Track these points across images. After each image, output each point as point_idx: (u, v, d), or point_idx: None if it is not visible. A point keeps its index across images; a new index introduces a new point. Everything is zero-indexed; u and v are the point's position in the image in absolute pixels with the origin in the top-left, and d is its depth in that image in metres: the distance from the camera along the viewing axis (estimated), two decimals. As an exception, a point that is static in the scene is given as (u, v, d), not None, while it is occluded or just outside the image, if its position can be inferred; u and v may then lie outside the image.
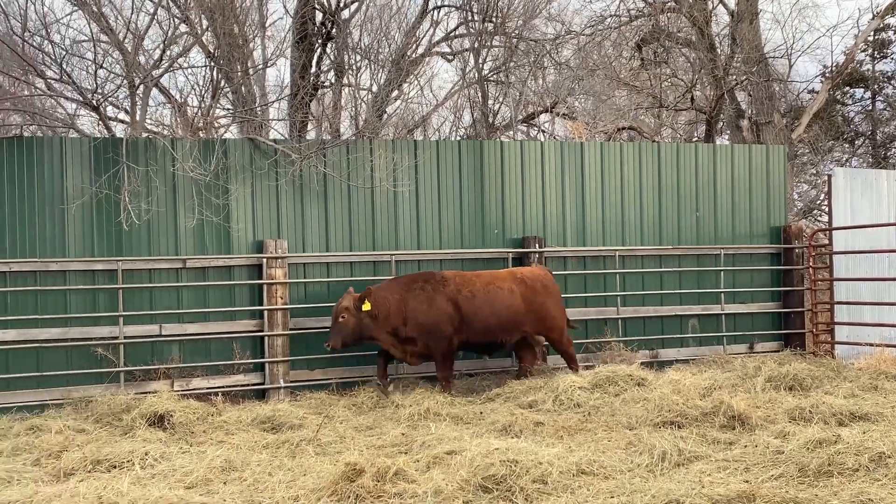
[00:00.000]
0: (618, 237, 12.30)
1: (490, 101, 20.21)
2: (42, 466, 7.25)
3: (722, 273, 12.68)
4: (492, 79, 17.93)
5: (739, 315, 12.80)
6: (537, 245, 11.73)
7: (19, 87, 15.40)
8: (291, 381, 10.65)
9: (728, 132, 21.47)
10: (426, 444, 7.48)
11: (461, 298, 10.37)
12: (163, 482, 6.61)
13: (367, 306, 10.05)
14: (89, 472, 6.98)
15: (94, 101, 11.08)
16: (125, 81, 11.15)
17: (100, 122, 13.40)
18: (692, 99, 19.99)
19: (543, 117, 21.38)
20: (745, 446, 7.21)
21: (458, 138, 19.72)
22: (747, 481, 6.20)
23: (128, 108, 12.15)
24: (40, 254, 9.91)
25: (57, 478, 6.92)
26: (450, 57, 17.34)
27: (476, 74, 17.60)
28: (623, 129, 20.65)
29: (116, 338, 10.08)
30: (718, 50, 19.03)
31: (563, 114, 20.74)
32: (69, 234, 10.05)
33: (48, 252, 9.94)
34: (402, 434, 8.03)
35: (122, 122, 13.20)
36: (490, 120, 20.00)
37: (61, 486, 6.56)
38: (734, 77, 18.94)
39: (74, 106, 13.29)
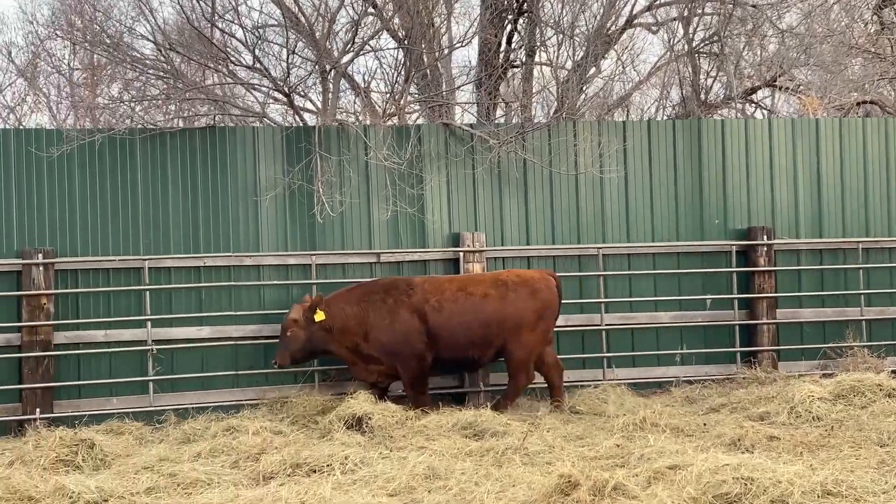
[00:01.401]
0: (860, 227, 11.63)
1: (701, 76, 19.62)
2: (241, 469, 7.60)
3: None
4: (703, 51, 17.41)
5: None
6: (765, 237, 11.27)
7: (204, 75, 16.31)
8: (491, 385, 10.72)
9: None
10: (644, 456, 7.32)
11: (428, 309, 9.82)
12: (365, 488, 6.80)
13: (319, 316, 9.71)
14: (289, 475, 7.25)
15: (285, 89, 11.53)
16: (316, 67, 11.53)
17: (289, 111, 13.98)
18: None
19: (761, 92, 20.57)
20: None
21: (667, 117, 19.28)
22: None
23: (314, 95, 12.65)
24: (234, 248, 10.41)
25: (256, 481, 7.24)
26: (655, 28, 16.96)
27: (685, 46, 17.14)
28: (861, 103, 19.53)
29: (311, 335, 10.44)
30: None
31: (787, 87, 19.87)
32: (263, 228, 10.51)
33: (242, 246, 10.43)
34: (617, 445, 7.90)
35: (309, 111, 13.71)
36: (703, 96, 19.41)
37: (262, 490, 6.85)
38: None
39: (262, 95, 13.92)
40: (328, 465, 7.34)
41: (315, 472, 7.30)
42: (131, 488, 7.04)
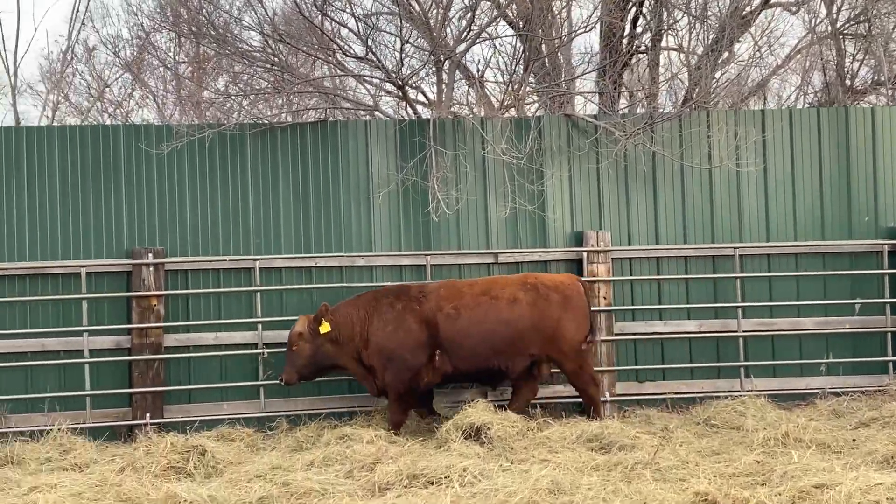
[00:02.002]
0: None
1: (847, 60, 19.07)
2: (355, 479, 7.71)
3: None
4: (848, 32, 16.92)
5: None
6: (923, 236, 10.91)
7: (312, 67, 16.58)
8: (618, 395, 10.64)
9: None
10: (788, 474, 7.17)
11: (441, 317, 9.55)
12: (485, 502, 6.82)
13: (324, 328, 9.52)
14: (405, 487, 7.33)
15: (398, 81, 11.64)
16: (431, 57, 11.61)
17: (400, 104, 14.14)
18: None
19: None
20: None
21: (808, 105, 18.79)
22: None
23: (426, 87, 12.73)
24: (346, 248, 10.58)
25: (371, 492, 7.34)
26: (794, 8, 16.55)
27: (828, 27, 16.68)
28: None
29: (425, 341, 10.53)
30: None
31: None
32: (375, 226, 10.64)
33: (354, 246, 10.59)
34: (757, 462, 7.76)
35: (420, 103, 13.82)
36: (848, 82, 18.85)
37: (377, 502, 6.98)
38: None
39: (373, 87, 14.11)
40: (446, 477, 7.38)
41: (432, 483, 7.36)
42: (244, 497, 7.22)
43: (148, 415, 9.83)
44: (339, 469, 7.97)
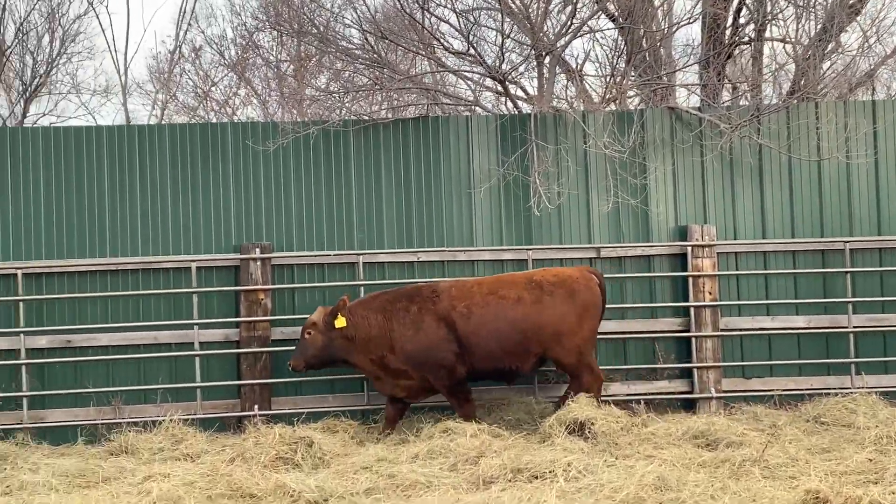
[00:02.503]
0: None
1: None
2: (459, 472, 7.77)
3: None
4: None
5: None
6: None
7: (412, 63, 16.73)
8: (724, 391, 10.50)
9: None
10: (903, 474, 7.02)
11: (456, 316, 9.50)
12: (590, 498, 6.82)
13: (340, 322, 9.49)
14: (509, 481, 7.36)
15: (499, 76, 11.67)
16: (532, 52, 11.62)
17: (500, 99, 14.17)
18: None
19: None
20: None
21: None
22: None
23: (525, 81, 12.74)
24: (448, 242, 10.65)
25: (476, 485, 7.40)
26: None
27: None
28: None
29: (528, 335, 10.55)
30: None
31: None
32: (477, 221, 10.70)
33: (456, 240, 10.66)
34: (869, 460, 7.63)
35: (520, 97, 13.82)
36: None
37: (482, 495, 7.01)
38: None
39: (473, 83, 14.15)
40: (550, 472, 7.39)
41: (537, 478, 7.37)
42: (351, 488, 7.35)
43: (256, 406, 10.05)
44: (444, 462, 8.03)
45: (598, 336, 10.11)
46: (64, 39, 19.85)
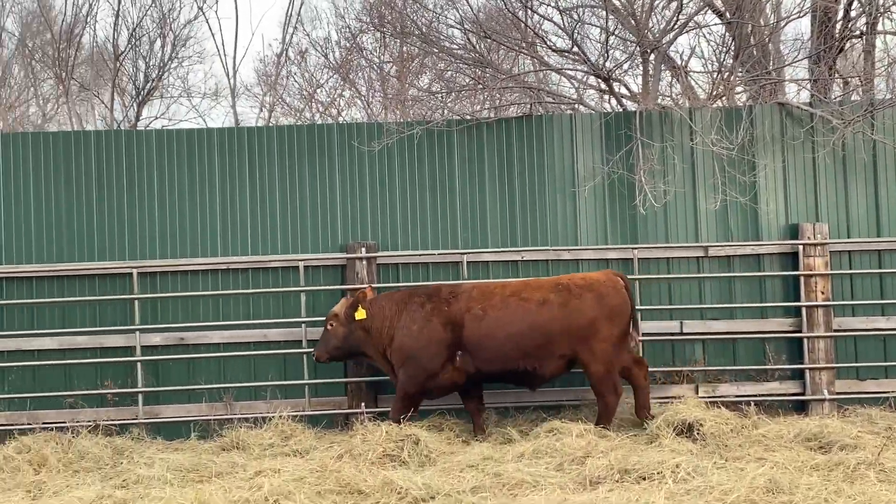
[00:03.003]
0: None
1: None
2: (565, 472, 7.74)
3: None
4: None
5: None
6: None
7: (514, 62, 16.72)
8: (838, 393, 10.26)
9: None
10: None
11: (467, 318, 9.43)
12: (699, 500, 6.75)
13: (360, 314, 9.54)
14: (617, 481, 7.32)
15: (604, 73, 11.60)
16: (637, 49, 11.52)
17: (603, 97, 14.08)
18: None
19: None
20: None
21: None
22: None
23: (629, 79, 12.62)
24: (552, 241, 10.63)
25: (582, 485, 7.36)
26: None
27: None
28: None
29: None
30: None
31: None
32: (581, 220, 10.65)
33: (560, 240, 10.63)
34: None
35: (623, 95, 13.68)
36: None
37: (590, 495, 6.98)
38: None
39: (576, 81, 14.08)
40: (658, 473, 7.33)
41: (644, 479, 7.31)
42: (457, 486, 7.39)
43: (363, 404, 10.18)
44: (550, 462, 8.02)
45: (709, 336, 10.11)
46: (175, 44, 20.39)
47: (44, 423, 9.99)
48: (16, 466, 8.71)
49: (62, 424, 9.90)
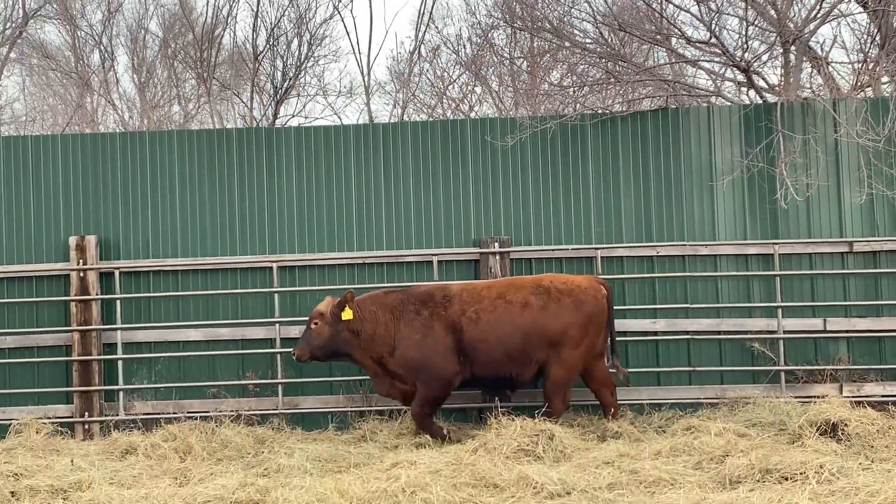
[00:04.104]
0: None
1: None
2: (704, 470, 7.63)
3: None
4: None
5: None
6: None
7: (647, 55, 16.47)
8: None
9: None
10: None
11: (465, 322, 9.30)
12: (844, 501, 6.61)
13: (347, 314, 9.34)
14: (757, 481, 7.18)
15: (743, 65, 11.35)
16: (778, 39, 11.22)
17: (741, 89, 13.75)
18: None
19: None
20: None
21: None
22: None
23: (767, 70, 12.26)
24: (688, 237, 10.47)
25: (722, 484, 7.24)
26: None
27: None
28: None
29: (774, 332, 10.23)
30: None
31: None
32: (719, 214, 10.46)
33: (696, 235, 10.46)
34: None
35: (761, 87, 13.32)
36: None
37: (730, 495, 6.87)
38: None
39: (714, 73, 13.80)
40: (801, 473, 7.17)
41: (786, 479, 7.17)
42: (593, 483, 7.35)
43: (497, 399, 10.20)
44: (687, 460, 7.91)
45: (853, 334, 9.98)
46: (311, 43, 20.76)
47: (189, 413, 10.34)
48: (162, 454, 9.04)
49: (206, 414, 10.21)
